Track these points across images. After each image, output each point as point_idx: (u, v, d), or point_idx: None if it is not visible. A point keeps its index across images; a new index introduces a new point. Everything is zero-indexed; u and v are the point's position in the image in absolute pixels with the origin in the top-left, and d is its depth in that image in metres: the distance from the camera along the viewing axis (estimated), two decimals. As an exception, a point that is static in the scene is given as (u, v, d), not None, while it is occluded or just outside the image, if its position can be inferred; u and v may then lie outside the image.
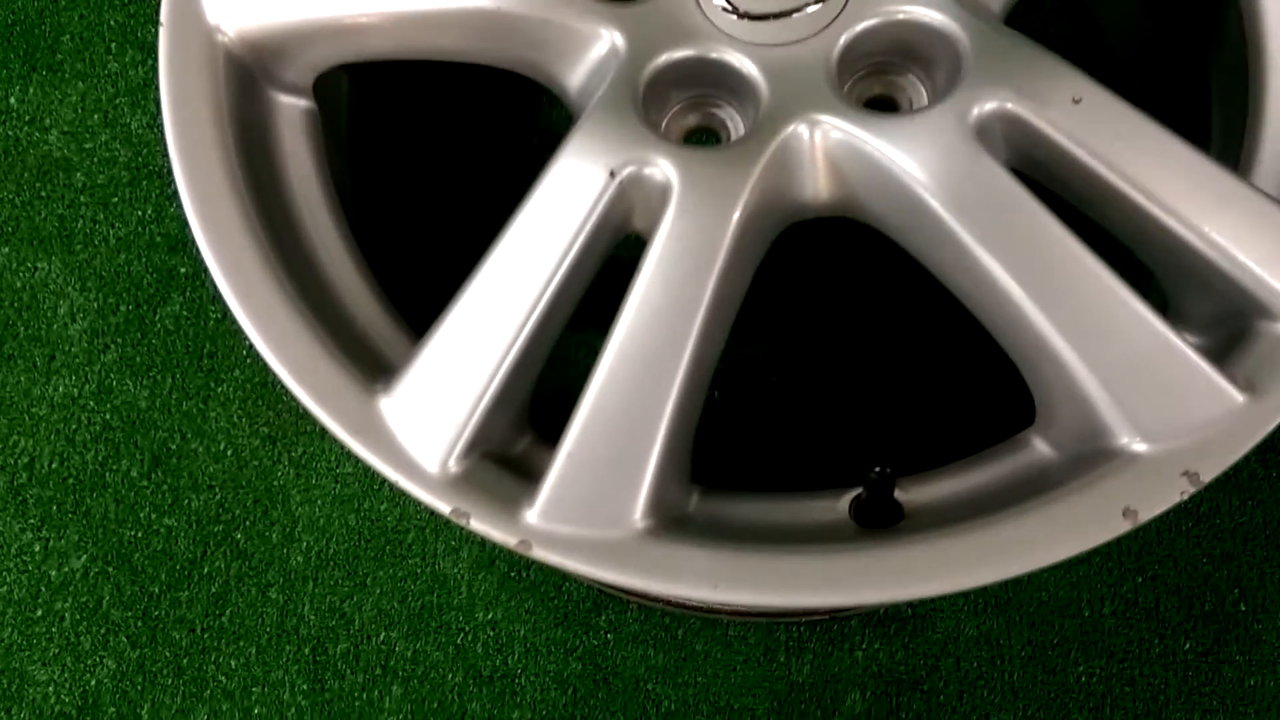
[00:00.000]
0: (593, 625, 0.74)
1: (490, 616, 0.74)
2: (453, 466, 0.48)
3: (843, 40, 0.52)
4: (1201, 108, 0.65)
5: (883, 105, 0.57)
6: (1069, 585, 0.73)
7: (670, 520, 0.49)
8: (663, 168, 0.49)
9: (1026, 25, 0.84)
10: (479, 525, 0.46)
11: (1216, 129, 0.62)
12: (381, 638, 0.74)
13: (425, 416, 0.48)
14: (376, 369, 0.51)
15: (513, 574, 0.75)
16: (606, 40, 0.53)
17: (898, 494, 0.52)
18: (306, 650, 0.74)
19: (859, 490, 0.51)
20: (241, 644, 0.75)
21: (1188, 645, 0.72)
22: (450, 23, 0.53)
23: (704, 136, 0.58)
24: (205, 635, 0.75)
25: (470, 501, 0.47)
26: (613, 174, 0.49)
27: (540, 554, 0.45)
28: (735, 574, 0.45)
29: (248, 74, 0.55)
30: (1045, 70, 0.50)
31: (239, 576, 0.76)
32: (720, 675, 0.73)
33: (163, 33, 0.54)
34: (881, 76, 0.56)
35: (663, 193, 0.49)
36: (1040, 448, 0.51)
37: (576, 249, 0.49)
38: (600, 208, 0.49)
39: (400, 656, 0.74)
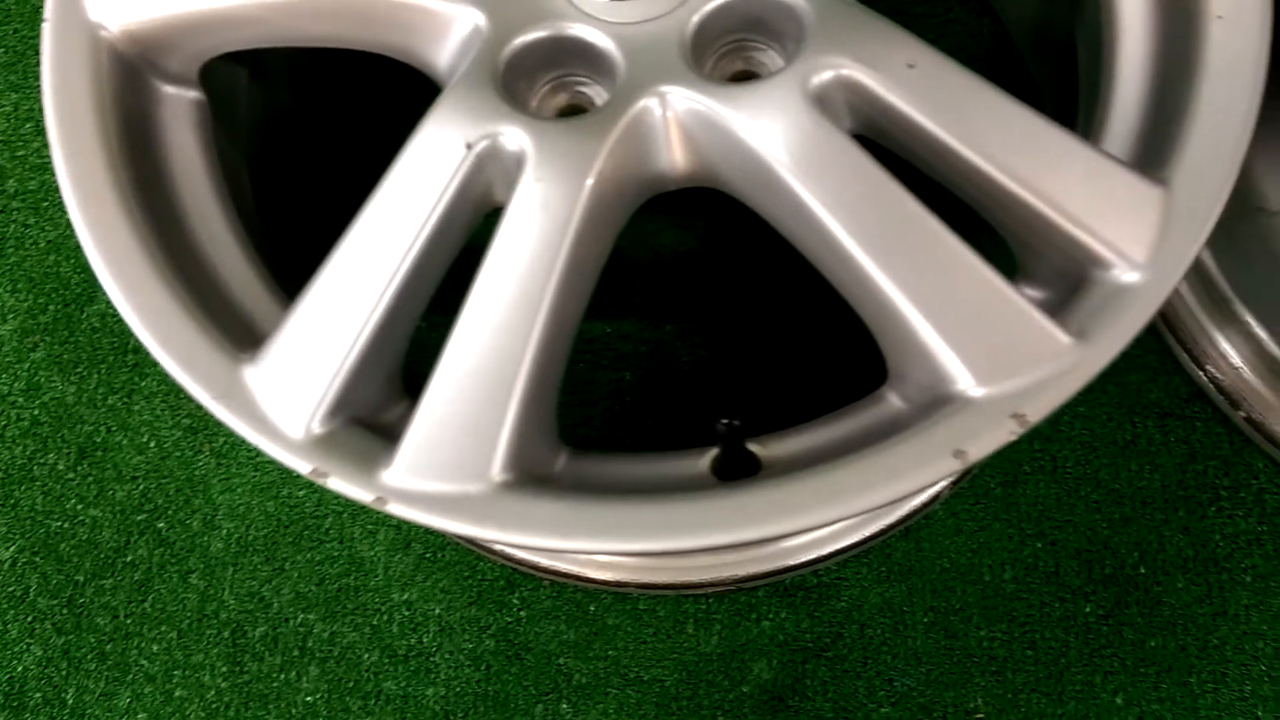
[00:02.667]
0: (506, 603, 0.75)
1: (406, 597, 0.76)
2: (316, 429, 0.49)
3: (695, 17, 0.54)
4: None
5: (746, 80, 0.59)
6: (970, 552, 0.74)
7: (532, 477, 0.51)
8: (517, 139, 0.51)
9: (927, 12, 0.88)
10: (336, 483, 0.47)
11: (1083, 100, 0.64)
12: (299, 620, 0.76)
13: (288, 382, 0.49)
14: (249, 340, 0.52)
15: (428, 555, 0.77)
16: (470, 21, 0.55)
17: (757, 450, 0.54)
18: (226, 634, 0.76)
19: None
20: (163, 629, 0.76)
21: (1088, 608, 0.73)
22: (322, 10, 0.56)
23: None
24: (128, 621, 0.77)
25: (331, 462, 0.48)
26: (469, 146, 0.51)
27: (395, 509, 0.47)
28: (583, 522, 0.47)
29: (132, 67, 0.58)
30: (881, 37, 0.52)
31: (161, 564, 0.78)
32: (630, 648, 0.74)
33: (46, 30, 0.56)
34: (742, 53, 0.58)
35: (518, 163, 0.51)
36: (893, 401, 0.53)
37: (435, 219, 0.51)
38: (458, 179, 0.51)
39: (318, 638, 0.75)
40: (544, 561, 0.75)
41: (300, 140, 0.77)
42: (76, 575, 0.78)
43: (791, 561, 0.75)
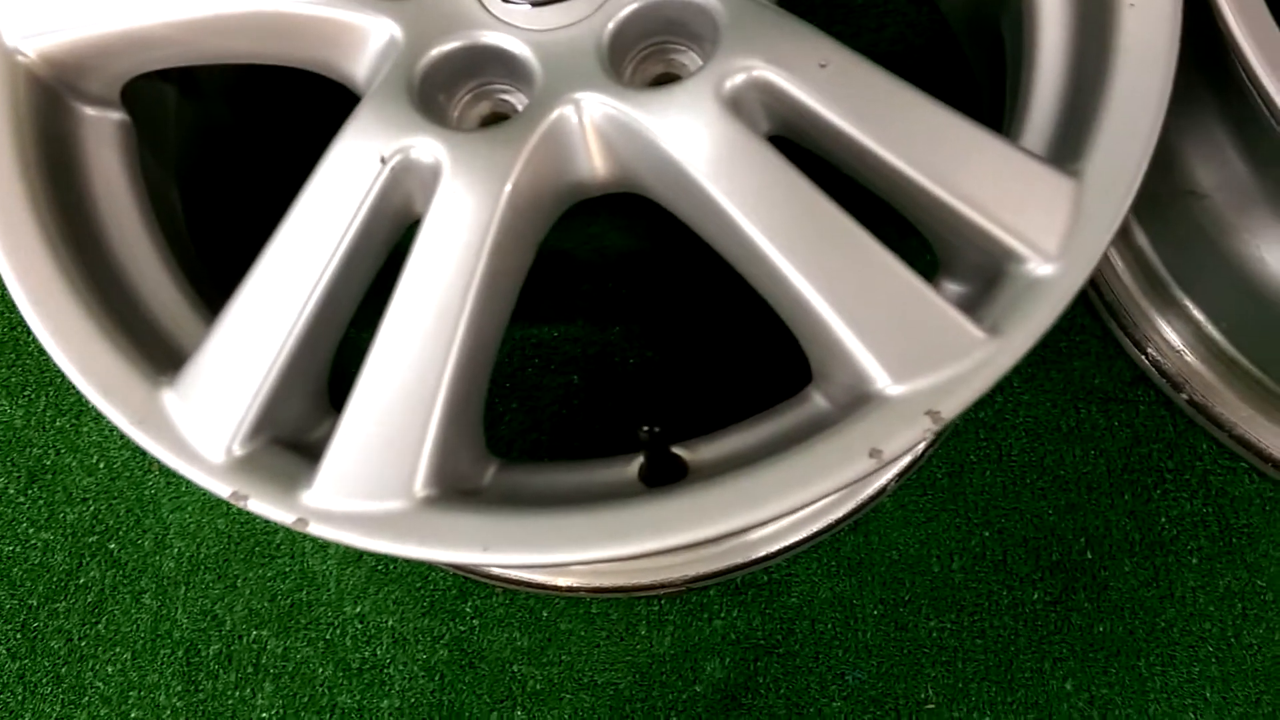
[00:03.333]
0: (458, 612, 0.75)
1: (358, 610, 0.76)
2: (237, 451, 0.49)
3: (612, 23, 0.54)
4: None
5: (668, 83, 0.59)
6: (918, 543, 0.75)
7: (458, 492, 0.51)
8: (433, 150, 0.51)
9: (867, 3, 0.88)
10: (256, 506, 0.47)
11: (1009, 89, 0.64)
12: (253, 637, 0.75)
13: (207, 405, 0.49)
14: (172, 362, 0.52)
15: (380, 567, 0.77)
16: (385, 33, 0.54)
17: (685, 454, 0.54)
18: (180, 653, 0.76)
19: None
20: (118, 650, 0.76)
21: (1036, 595, 0.73)
22: (235, 27, 0.55)
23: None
24: (83, 644, 0.77)
25: (252, 483, 0.48)
26: (384, 160, 0.51)
27: (316, 530, 0.47)
28: (506, 535, 0.47)
29: (51, 92, 0.57)
30: (793, 37, 0.52)
31: (114, 585, 0.77)
32: (584, 652, 0.74)
33: (-40, 56, 0.56)
34: (663, 55, 0.58)
35: (435, 174, 0.51)
36: (819, 400, 0.53)
37: (352, 234, 0.51)
38: (374, 193, 0.51)
39: (271, 654, 0.75)
40: (496, 569, 0.75)
41: (236, 154, 0.76)
42: (29, 599, 0.78)
43: (742, 559, 0.75)
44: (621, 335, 0.80)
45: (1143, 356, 0.75)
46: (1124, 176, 0.49)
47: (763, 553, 0.75)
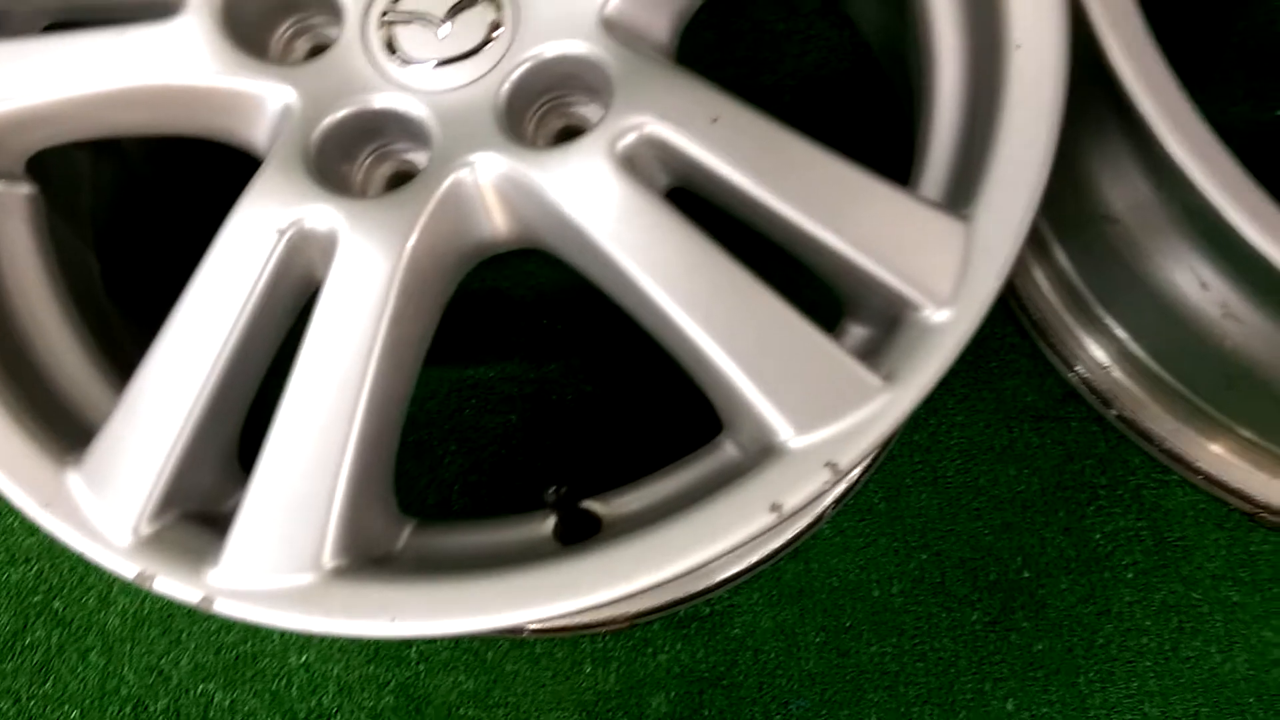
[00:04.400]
0: (404, 658, 0.76)
1: (304, 660, 0.76)
2: (144, 530, 0.49)
3: (506, 82, 0.54)
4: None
5: (570, 137, 0.59)
6: (858, 568, 0.75)
7: (369, 559, 0.51)
8: (329, 219, 0.51)
9: (788, 29, 0.88)
10: (162, 585, 0.47)
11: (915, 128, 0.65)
12: (199, 690, 0.76)
13: (112, 485, 0.49)
14: (80, 440, 0.52)
15: (325, 614, 0.77)
16: (279, 100, 0.54)
17: (599, 508, 0.54)
18: (128, 710, 0.76)
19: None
20: (65, 708, 0.76)
21: (975, 616, 0.74)
22: (132, 101, 0.55)
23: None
24: (31, 704, 0.77)
25: (158, 562, 0.48)
26: (280, 232, 0.51)
27: (222, 608, 0.47)
28: (413, 605, 0.47)
29: (-46, 168, 0.58)
30: (684, 93, 0.52)
31: (60, 644, 0.78)
32: (530, 692, 0.75)
33: None
34: (563, 109, 0.58)
35: (332, 243, 0.51)
36: (729, 449, 0.53)
37: (252, 306, 0.51)
38: (271, 265, 0.51)
39: (219, 707, 0.75)
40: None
41: (159, 211, 0.76)
42: (-25, 663, 0.78)
43: (684, 593, 0.75)
44: (559, 371, 0.80)
45: (1071, 374, 0.76)
46: (1013, 221, 0.49)
47: (705, 585, 0.75)
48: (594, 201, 0.51)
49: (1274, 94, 0.82)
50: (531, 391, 0.80)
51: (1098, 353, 0.74)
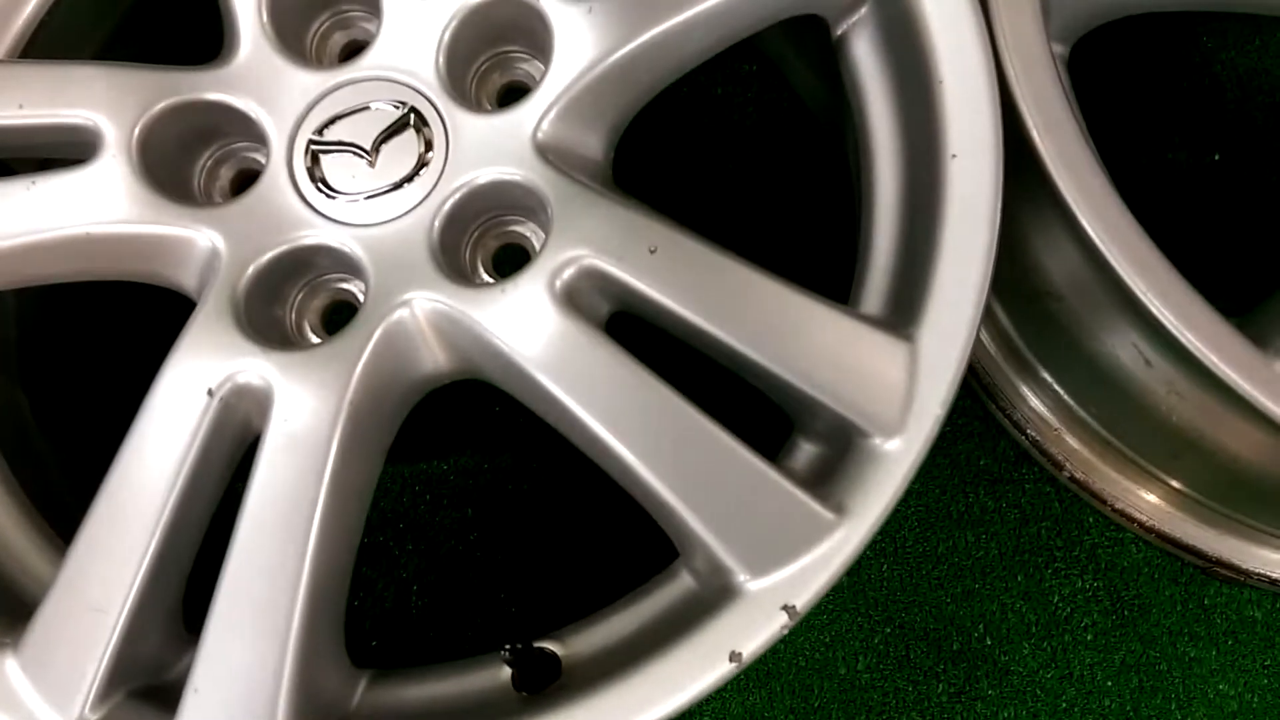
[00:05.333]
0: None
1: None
2: (90, 715, 0.48)
3: (439, 217, 0.53)
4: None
5: (509, 255, 0.58)
6: (824, 646, 0.75)
7: (327, 720, 0.50)
8: (262, 373, 0.50)
9: (728, 94, 0.87)
10: (111, 774, 0.46)
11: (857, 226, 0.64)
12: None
13: (53, 669, 0.48)
14: (17, 616, 0.51)
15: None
16: (205, 243, 0.53)
17: (557, 649, 0.53)
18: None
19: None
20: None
21: (940, 688, 0.74)
22: (55, 252, 0.53)
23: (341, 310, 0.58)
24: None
25: (107, 749, 0.47)
26: (211, 393, 0.49)
27: (172, 793, 0.46)
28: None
29: None
30: (622, 224, 0.51)
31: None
32: (501, 794, 0.74)
33: None
34: (501, 229, 0.57)
35: (267, 396, 0.50)
36: (686, 578, 0.53)
37: (189, 470, 0.49)
38: (205, 427, 0.49)
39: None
40: None
41: (87, 338, 0.74)
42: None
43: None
44: (512, 461, 0.79)
45: (1023, 437, 0.76)
46: (956, 342, 0.49)
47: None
48: (534, 339, 0.50)
49: (1210, 138, 0.83)
50: (486, 483, 0.79)
51: (1048, 416, 0.75)
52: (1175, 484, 0.71)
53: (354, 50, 0.60)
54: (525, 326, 0.50)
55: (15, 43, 0.60)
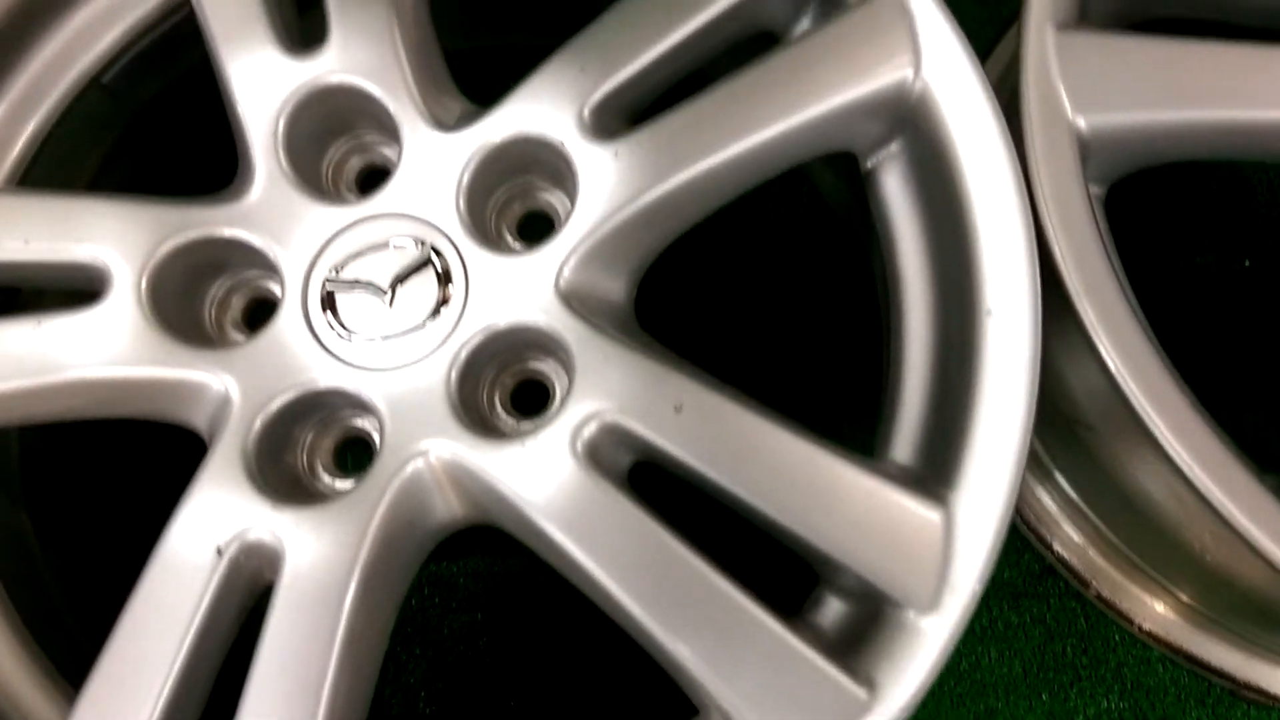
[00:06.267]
0: None
1: None
2: None
3: (459, 358, 0.51)
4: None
5: (528, 392, 0.57)
6: (841, 766, 0.73)
7: None
8: (273, 530, 0.48)
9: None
10: None
11: (884, 361, 0.62)
12: None
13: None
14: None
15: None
16: (219, 387, 0.51)
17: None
18: None
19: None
20: None
21: (961, 810, 0.72)
22: (55, 395, 0.51)
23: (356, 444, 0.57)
24: None
25: None
26: (220, 551, 0.48)
27: None
28: None
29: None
30: (647, 378, 0.49)
31: None
32: None
33: None
34: (520, 366, 0.55)
35: (279, 554, 0.48)
36: (711, 741, 0.51)
37: (196, 628, 0.47)
38: (214, 586, 0.48)
39: None
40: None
41: (90, 450, 0.72)
42: None
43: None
44: (523, 565, 0.78)
45: (1048, 552, 0.74)
46: (994, 513, 0.47)
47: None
48: (554, 496, 0.48)
49: (1241, 245, 0.81)
50: (497, 587, 0.77)
51: (1074, 534, 0.73)
52: (1205, 609, 0.70)
53: (371, 175, 0.59)
54: (545, 483, 0.48)
55: (14, 168, 0.58)
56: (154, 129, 0.68)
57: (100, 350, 0.51)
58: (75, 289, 0.53)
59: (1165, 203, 0.81)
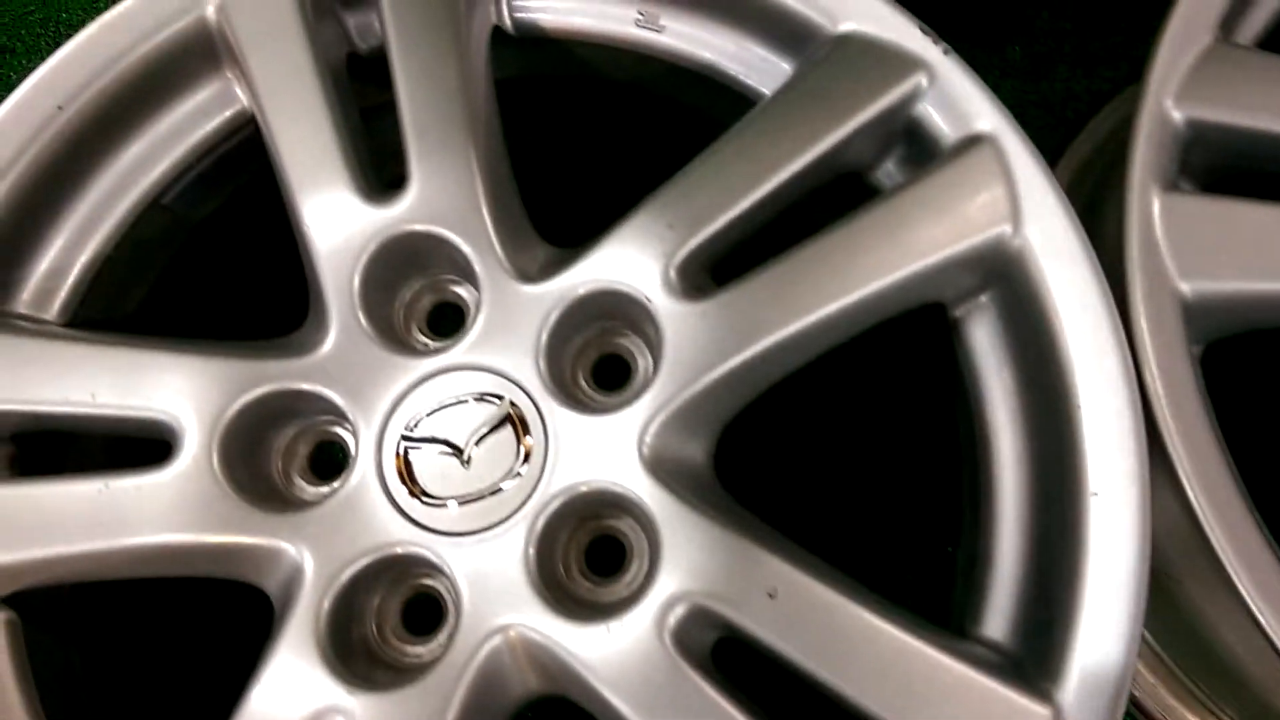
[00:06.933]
0: None
1: None
2: None
3: (537, 525, 0.49)
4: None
5: (607, 545, 0.55)
6: None
7: None
8: (346, 716, 0.46)
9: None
10: None
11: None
12: None
13: None
14: None
15: None
16: (291, 553, 0.49)
17: None
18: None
19: None
20: None
21: None
22: (122, 556, 0.50)
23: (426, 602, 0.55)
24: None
25: None
26: (295, 736, 0.46)
27: None
28: None
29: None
30: (738, 560, 0.47)
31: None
32: None
33: None
34: (597, 523, 0.53)
35: (353, 739, 0.47)
36: None
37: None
38: (287, 774, 0.46)
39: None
40: None
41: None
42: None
43: None
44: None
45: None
46: (1104, 716, 0.45)
47: None
48: (637, 682, 0.46)
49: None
50: None
51: (1147, 673, 0.71)
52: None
53: (443, 312, 0.57)
54: (628, 668, 0.46)
55: (71, 295, 0.57)
56: (212, 245, 0.66)
57: (170, 516, 0.49)
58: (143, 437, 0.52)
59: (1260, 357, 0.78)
